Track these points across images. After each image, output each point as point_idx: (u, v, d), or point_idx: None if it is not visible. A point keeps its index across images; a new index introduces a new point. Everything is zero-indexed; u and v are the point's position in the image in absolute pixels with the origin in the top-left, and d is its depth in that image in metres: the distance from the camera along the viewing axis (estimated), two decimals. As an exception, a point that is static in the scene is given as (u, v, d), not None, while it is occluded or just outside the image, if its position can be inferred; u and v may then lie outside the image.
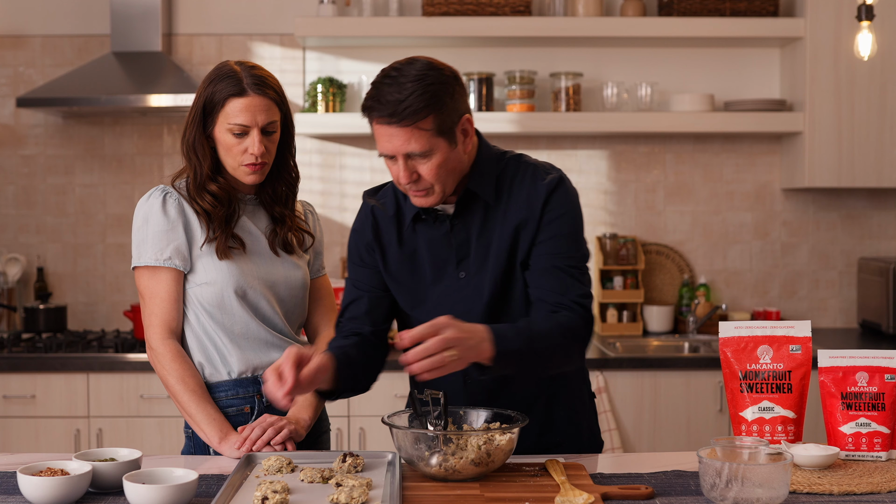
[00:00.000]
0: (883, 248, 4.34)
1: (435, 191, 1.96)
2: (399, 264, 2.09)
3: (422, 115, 1.88)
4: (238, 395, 2.15)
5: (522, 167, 2.06)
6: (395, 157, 1.92)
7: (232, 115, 2.07)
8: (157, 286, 2.11)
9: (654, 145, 4.29)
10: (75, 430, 3.62)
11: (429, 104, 1.89)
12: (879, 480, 1.81)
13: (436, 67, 1.96)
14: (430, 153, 1.91)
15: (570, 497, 1.68)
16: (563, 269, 2.00)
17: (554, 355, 1.96)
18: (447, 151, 1.93)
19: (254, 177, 2.12)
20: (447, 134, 1.93)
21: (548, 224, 2.01)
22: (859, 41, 3.30)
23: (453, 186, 1.99)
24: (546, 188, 2.02)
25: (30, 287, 4.24)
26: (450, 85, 1.95)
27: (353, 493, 1.67)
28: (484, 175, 2.03)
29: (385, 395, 3.60)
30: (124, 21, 4.03)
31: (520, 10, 3.99)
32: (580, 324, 1.98)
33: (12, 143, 4.24)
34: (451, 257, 2.05)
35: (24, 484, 1.68)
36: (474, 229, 2.04)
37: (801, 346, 1.98)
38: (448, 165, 1.94)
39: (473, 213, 2.04)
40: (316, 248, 2.33)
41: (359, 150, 4.26)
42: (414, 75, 1.90)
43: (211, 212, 2.11)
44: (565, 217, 2.02)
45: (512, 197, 2.03)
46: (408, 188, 1.96)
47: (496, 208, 2.03)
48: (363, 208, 2.16)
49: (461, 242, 2.04)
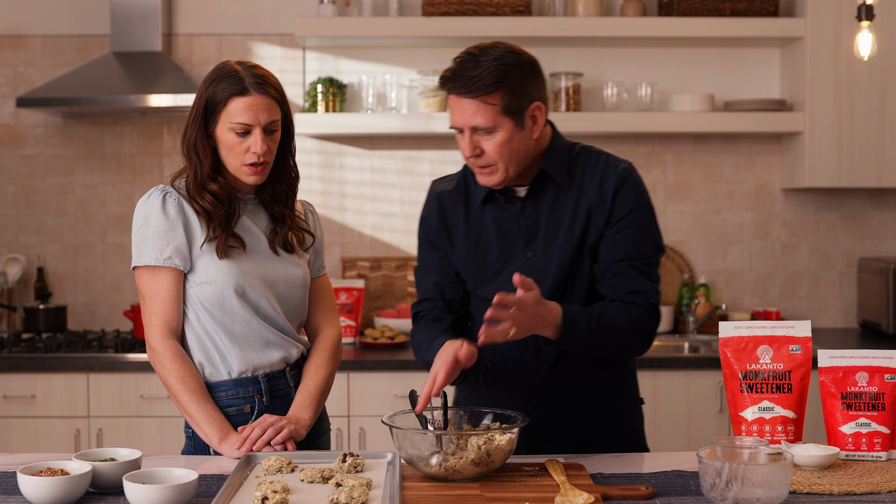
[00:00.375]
0: (883, 248, 4.34)
1: (498, 169, 2.03)
2: (466, 245, 2.16)
3: (490, 90, 1.97)
4: (238, 395, 2.15)
5: (595, 155, 2.14)
6: (464, 131, 2.01)
7: (234, 114, 2.07)
8: (157, 286, 2.11)
9: (654, 145, 4.29)
10: (75, 430, 3.62)
11: (498, 81, 1.97)
12: (879, 480, 1.81)
13: (515, 52, 2.04)
14: (494, 130, 2.00)
15: (570, 497, 1.68)
16: (636, 266, 2.07)
17: (617, 344, 2.07)
18: (512, 132, 2.01)
19: (255, 178, 2.12)
20: (515, 115, 2.00)
21: (619, 215, 2.08)
22: (859, 41, 3.30)
23: (517, 169, 2.06)
24: (619, 176, 2.09)
25: (30, 287, 4.24)
26: (524, 69, 2.02)
27: (353, 493, 1.67)
28: (557, 159, 2.11)
29: (385, 395, 3.61)
30: (124, 21, 4.03)
31: (520, 10, 3.99)
32: (649, 321, 2.07)
33: (12, 143, 4.24)
34: (519, 238, 2.11)
35: (24, 484, 1.68)
36: (544, 211, 2.10)
37: (801, 346, 1.98)
38: (512, 146, 2.02)
39: (545, 196, 2.11)
40: (316, 248, 2.33)
41: (359, 150, 4.26)
42: (492, 55, 2.00)
43: (211, 211, 2.11)
44: (637, 210, 2.09)
45: (585, 182, 2.10)
46: (472, 163, 2.04)
47: (568, 192, 2.10)
48: (430, 195, 2.25)
49: (531, 223, 2.11)
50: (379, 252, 4.28)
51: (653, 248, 2.11)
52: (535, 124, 2.05)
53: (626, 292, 2.07)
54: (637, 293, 2.07)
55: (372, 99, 4.10)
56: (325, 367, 2.23)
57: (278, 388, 2.19)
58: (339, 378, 3.58)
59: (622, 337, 2.04)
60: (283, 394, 2.20)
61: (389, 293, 4.25)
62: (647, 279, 2.08)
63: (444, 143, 4.26)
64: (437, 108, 4.03)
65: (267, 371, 2.17)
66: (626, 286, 2.07)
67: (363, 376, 3.61)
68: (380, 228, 4.28)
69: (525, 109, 2.02)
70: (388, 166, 4.27)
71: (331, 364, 2.25)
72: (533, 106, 2.04)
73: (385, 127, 4.01)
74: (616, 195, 2.08)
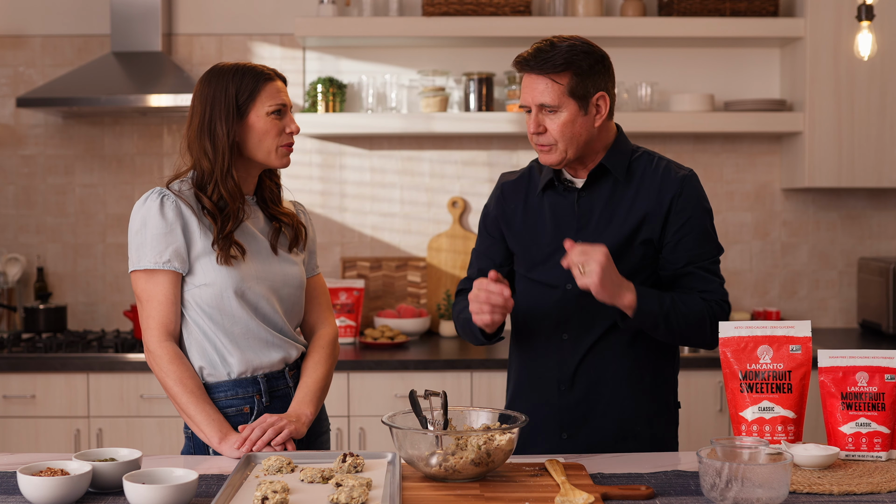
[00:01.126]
0: (883, 248, 4.34)
1: (558, 149, 2.14)
2: (523, 228, 2.27)
3: (559, 69, 2.10)
4: (237, 396, 2.15)
5: (656, 159, 2.24)
6: (531, 110, 2.14)
7: (269, 97, 2.14)
8: (154, 289, 2.11)
9: (655, 145, 4.29)
10: (75, 430, 3.62)
11: (568, 62, 2.10)
12: (879, 480, 1.81)
13: (588, 43, 2.16)
14: (558, 109, 2.11)
15: (570, 497, 1.68)
16: (702, 268, 2.17)
17: (690, 330, 2.13)
18: (575, 114, 2.12)
19: (287, 159, 2.19)
20: (580, 98, 2.12)
21: (679, 222, 2.17)
22: (859, 41, 3.30)
23: (576, 153, 2.16)
24: (678, 184, 2.18)
25: (30, 287, 4.24)
26: (594, 58, 2.14)
27: (353, 493, 1.67)
28: (618, 156, 2.21)
29: (385, 395, 3.61)
30: (124, 21, 4.03)
31: (520, 10, 3.99)
32: (721, 314, 2.16)
33: (12, 143, 4.24)
34: (572, 225, 2.20)
35: (24, 484, 1.68)
36: (599, 203, 2.20)
37: (801, 346, 1.98)
38: (574, 129, 2.13)
39: (602, 189, 2.21)
40: (310, 248, 2.34)
41: (359, 150, 4.26)
42: (567, 43, 2.13)
43: (229, 203, 2.12)
44: (696, 217, 2.18)
45: (644, 183, 2.19)
46: (535, 141, 2.15)
47: (625, 189, 2.19)
48: (496, 186, 2.39)
49: (584, 213, 2.20)
50: (379, 252, 4.28)
51: (714, 249, 2.22)
52: (599, 113, 2.16)
53: (697, 292, 2.17)
54: (707, 292, 2.17)
55: (372, 99, 4.10)
56: (324, 364, 2.24)
57: (277, 389, 2.19)
58: (339, 378, 3.58)
59: (696, 324, 2.13)
60: (283, 394, 2.20)
61: (389, 293, 4.25)
62: (715, 276, 2.19)
63: (444, 143, 4.26)
64: (437, 108, 4.03)
65: (266, 371, 2.17)
66: (697, 287, 2.17)
67: (363, 376, 3.61)
68: (380, 228, 4.28)
69: (590, 96, 2.13)
70: (388, 166, 4.27)
71: (329, 361, 2.26)
72: (598, 95, 2.15)
73: (385, 127, 4.01)
74: (674, 202, 2.17)
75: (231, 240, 2.11)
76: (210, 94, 2.13)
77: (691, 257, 2.18)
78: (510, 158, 4.27)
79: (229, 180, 2.12)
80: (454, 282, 4.21)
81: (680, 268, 2.18)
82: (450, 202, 4.25)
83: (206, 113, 2.12)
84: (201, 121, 2.12)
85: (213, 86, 2.13)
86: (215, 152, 2.11)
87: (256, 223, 2.21)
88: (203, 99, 2.13)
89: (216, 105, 2.12)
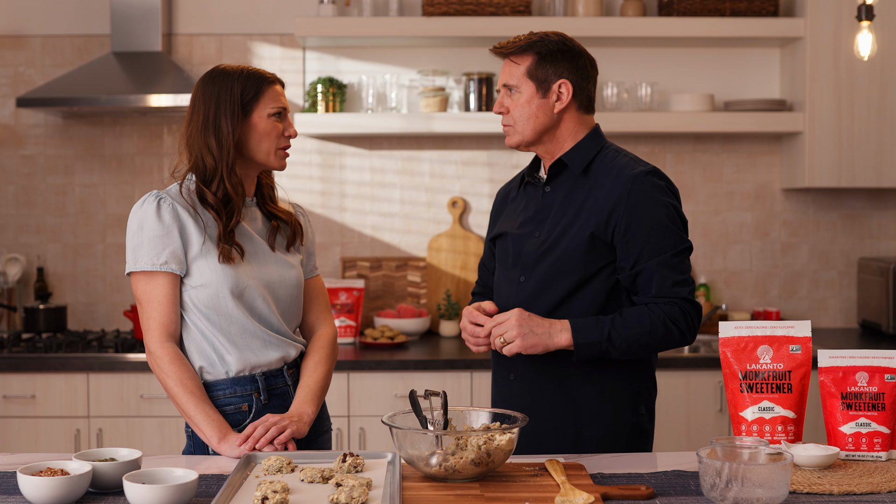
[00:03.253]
0: (883, 248, 4.34)
1: (516, 131, 2.21)
2: (505, 219, 2.35)
3: (521, 51, 2.18)
4: (236, 394, 2.16)
5: (619, 157, 2.22)
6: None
7: (272, 100, 2.19)
8: (154, 290, 2.11)
9: (654, 145, 4.29)
10: (75, 430, 3.62)
11: (532, 46, 2.18)
12: (879, 480, 1.81)
13: (563, 37, 2.22)
14: (517, 89, 2.19)
15: (570, 497, 1.68)
16: (661, 263, 2.12)
17: (645, 342, 2.12)
18: (533, 96, 2.18)
19: (284, 161, 2.25)
20: (539, 81, 2.18)
21: (628, 218, 2.13)
22: (859, 41, 3.30)
23: (534, 136, 2.21)
24: (632, 179, 2.15)
25: (30, 287, 4.24)
26: (560, 47, 2.19)
27: (353, 493, 1.67)
28: (581, 152, 2.23)
29: (385, 395, 3.61)
30: (124, 21, 4.03)
31: (520, 10, 3.99)
32: (677, 314, 2.12)
33: (12, 143, 4.24)
34: (535, 217, 2.25)
35: (24, 484, 1.68)
36: (558, 199, 2.22)
37: (801, 346, 1.98)
38: (530, 109, 2.19)
39: (563, 184, 2.24)
40: (308, 249, 2.35)
41: (359, 150, 4.26)
42: (543, 33, 2.20)
43: (233, 198, 2.14)
44: (648, 210, 2.14)
45: (598, 180, 2.18)
46: (502, 123, 2.24)
47: (583, 186, 2.20)
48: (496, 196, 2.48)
49: (545, 208, 2.24)
50: (379, 252, 4.28)
51: (675, 242, 2.14)
52: (559, 100, 2.19)
53: (650, 296, 2.13)
54: (658, 297, 2.13)
55: (372, 99, 4.10)
56: (324, 364, 2.25)
57: (276, 387, 2.20)
58: (339, 378, 3.58)
59: (648, 334, 2.10)
60: (282, 392, 2.20)
61: (389, 293, 4.25)
62: (672, 272, 2.13)
63: (444, 143, 4.26)
64: (437, 108, 4.03)
65: (264, 370, 2.18)
66: (650, 291, 2.13)
67: (363, 376, 3.61)
68: (380, 228, 4.28)
69: (551, 80, 2.18)
70: (388, 166, 4.27)
71: (329, 361, 2.27)
72: (560, 81, 2.18)
73: (385, 127, 4.01)
74: (621, 199, 2.14)
75: (233, 238, 2.13)
76: (215, 92, 2.15)
77: (644, 253, 2.12)
78: (510, 158, 4.27)
79: (233, 176, 2.16)
80: (454, 282, 4.21)
81: (632, 266, 2.14)
82: (450, 202, 4.25)
83: (210, 111, 2.15)
84: (206, 118, 2.15)
85: (217, 85, 2.16)
86: (220, 149, 2.14)
87: (254, 225, 2.22)
88: (207, 98, 2.16)
89: (222, 103, 2.14)
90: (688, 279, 2.15)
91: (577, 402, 2.20)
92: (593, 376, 2.19)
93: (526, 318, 2.09)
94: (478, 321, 2.18)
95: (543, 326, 2.10)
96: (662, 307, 2.11)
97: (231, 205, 2.15)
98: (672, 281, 2.13)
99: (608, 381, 2.20)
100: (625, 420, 2.22)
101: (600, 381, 2.20)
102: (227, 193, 2.14)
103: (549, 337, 2.09)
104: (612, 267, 2.18)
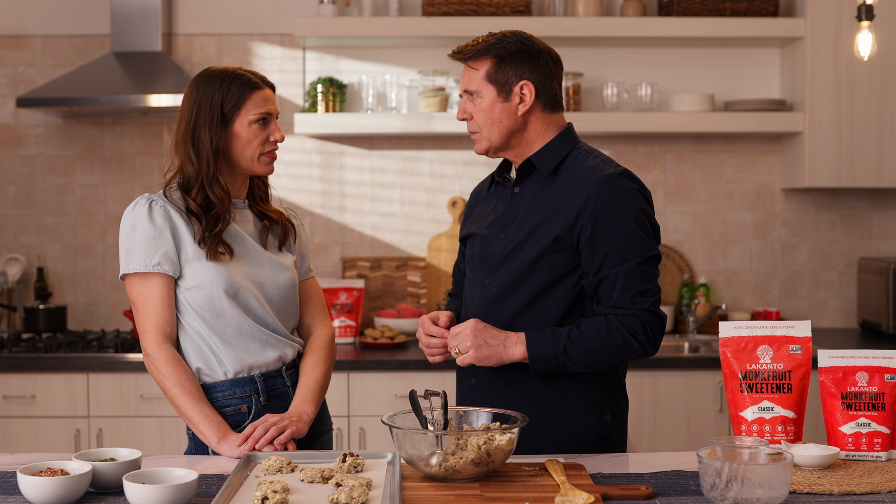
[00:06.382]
0: (883, 248, 4.34)
1: (482, 136, 2.15)
2: (475, 220, 2.30)
3: (479, 55, 2.12)
4: (235, 395, 2.16)
5: (589, 158, 2.15)
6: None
7: (255, 106, 2.16)
8: (149, 292, 2.12)
9: (654, 145, 4.29)
10: (75, 430, 3.62)
11: (490, 49, 2.11)
12: (879, 480, 1.81)
13: (522, 36, 2.14)
14: (479, 94, 2.13)
15: (570, 497, 1.68)
16: (625, 272, 2.05)
17: (603, 355, 2.06)
18: (495, 101, 2.12)
19: (271, 166, 2.22)
20: (501, 86, 2.11)
21: (594, 222, 2.06)
22: (859, 41, 3.30)
23: (500, 140, 2.15)
24: (601, 181, 2.07)
25: (30, 287, 4.24)
26: (520, 48, 2.12)
27: (353, 493, 1.67)
28: (551, 153, 2.16)
29: (385, 395, 3.61)
30: (124, 21, 4.03)
31: (520, 10, 3.99)
32: (636, 325, 2.06)
33: (12, 143, 4.24)
34: (503, 219, 2.19)
35: (24, 484, 1.68)
36: (526, 200, 2.17)
37: (801, 346, 1.98)
38: (493, 114, 2.13)
39: (532, 185, 2.18)
40: (302, 251, 2.36)
41: (359, 150, 4.26)
42: (501, 33, 2.13)
43: (217, 205, 2.14)
44: (615, 215, 2.06)
45: (567, 182, 2.12)
46: (467, 127, 2.18)
47: (551, 186, 2.14)
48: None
49: (512, 209, 2.18)
50: (379, 252, 4.28)
51: (641, 250, 2.06)
52: (522, 102, 2.12)
53: (610, 305, 2.07)
54: (618, 307, 2.06)
55: (372, 99, 4.10)
56: (323, 364, 2.25)
57: (275, 388, 2.20)
58: (339, 378, 3.58)
59: (605, 347, 2.05)
60: (280, 393, 2.21)
61: (389, 293, 4.25)
62: (637, 281, 2.06)
63: (444, 143, 4.26)
64: (437, 108, 4.03)
65: (263, 371, 2.18)
66: (610, 300, 2.07)
67: (363, 376, 3.61)
68: (380, 228, 4.28)
69: (512, 83, 2.12)
70: (388, 166, 4.27)
71: (327, 361, 2.27)
72: (522, 83, 2.12)
73: (385, 127, 4.01)
74: (588, 202, 2.06)
75: (219, 238, 2.13)
76: (197, 99, 2.16)
77: (609, 260, 2.05)
78: (510, 158, 4.27)
79: (216, 186, 2.15)
80: (454, 282, 4.21)
81: (595, 273, 2.07)
82: (450, 202, 4.25)
83: (191, 119, 2.15)
84: (187, 126, 2.16)
85: (200, 91, 2.16)
86: (199, 159, 2.14)
87: (245, 226, 2.23)
88: (191, 104, 2.16)
89: (201, 112, 2.15)
90: (653, 289, 2.08)
91: (538, 408, 2.14)
92: (553, 384, 2.14)
93: (481, 329, 2.07)
94: (430, 332, 2.18)
95: (498, 338, 2.06)
96: (622, 318, 2.05)
97: (214, 211, 2.14)
98: (635, 291, 2.05)
99: (569, 388, 2.14)
100: (588, 429, 2.15)
101: (560, 388, 2.14)
102: (208, 200, 2.14)
103: (504, 349, 2.06)
104: (579, 272, 2.11)
